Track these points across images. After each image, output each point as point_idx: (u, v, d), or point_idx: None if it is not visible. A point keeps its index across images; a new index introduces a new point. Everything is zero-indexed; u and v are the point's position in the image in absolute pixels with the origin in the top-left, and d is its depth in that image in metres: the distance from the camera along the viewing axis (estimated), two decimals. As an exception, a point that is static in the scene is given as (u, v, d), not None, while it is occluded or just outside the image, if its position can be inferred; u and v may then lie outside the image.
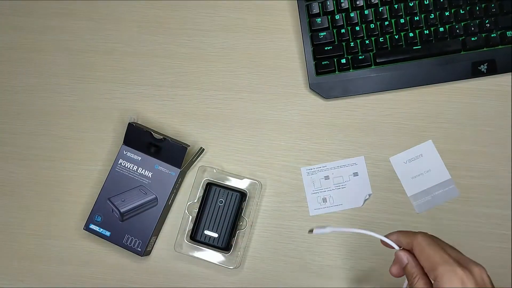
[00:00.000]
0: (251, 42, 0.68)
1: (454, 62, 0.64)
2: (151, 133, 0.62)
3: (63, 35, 0.70)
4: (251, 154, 0.65)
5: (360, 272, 0.62)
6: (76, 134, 0.68)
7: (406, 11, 0.64)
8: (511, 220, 0.62)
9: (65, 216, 0.66)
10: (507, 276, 0.61)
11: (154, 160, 0.63)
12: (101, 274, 0.64)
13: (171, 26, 0.69)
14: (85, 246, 0.65)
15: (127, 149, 0.63)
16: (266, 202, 0.64)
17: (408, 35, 0.64)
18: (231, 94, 0.67)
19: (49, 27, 0.70)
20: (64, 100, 0.69)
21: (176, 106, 0.67)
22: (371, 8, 0.64)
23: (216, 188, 0.62)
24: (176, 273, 0.64)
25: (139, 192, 0.62)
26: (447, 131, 0.64)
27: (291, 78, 0.67)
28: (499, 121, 0.64)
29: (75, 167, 0.67)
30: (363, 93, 0.65)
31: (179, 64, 0.68)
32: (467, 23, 0.64)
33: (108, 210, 0.62)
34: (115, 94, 0.68)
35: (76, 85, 0.69)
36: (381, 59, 0.64)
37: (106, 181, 0.63)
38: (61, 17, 0.71)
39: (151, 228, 0.62)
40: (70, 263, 0.65)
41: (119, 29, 0.70)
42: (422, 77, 0.64)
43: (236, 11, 0.69)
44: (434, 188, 0.63)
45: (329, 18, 0.65)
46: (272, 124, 0.66)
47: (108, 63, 0.69)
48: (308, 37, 0.65)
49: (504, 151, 0.63)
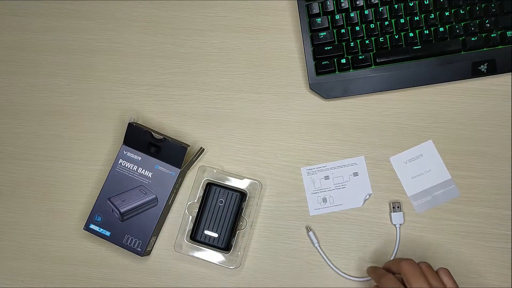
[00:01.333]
0: (251, 42, 0.68)
1: (454, 62, 0.64)
2: (151, 133, 0.62)
3: (63, 35, 0.70)
4: (251, 154, 0.65)
5: (360, 272, 0.62)
6: (76, 134, 0.68)
7: (406, 11, 0.64)
8: (511, 220, 0.62)
9: (65, 216, 0.66)
10: (507, 276, 0.61)
11: (154, 160, 0.63)
12: (101, 274, 0.64)
13: (171, 26, 0.69)
14: (85, 246, 0.65)
15: (127, 149, 0.63)
16: (266, 202, 0.64)
17: (408, 35, 0.64)
18: (231, 94, 0.67)
19: (49, 27, 0.70)
20: (64, 100, 0.69)
21: (176, 106, 0.67)
22: (371, 8, 0.64)
23: (216, 188, 0.62)
24: (176, 273, 0.63)
25: (139, 192, 0.62)
26: (447, 131, 0.64)
27: (291, 78, 0.67)
28: (499, 121, 0.64)
29: (75, 167, 0.67)
30: (363, 93, 0.65)
31: (179, 64, 0.68)
32: (467, 23, 0.64)
33: (108, 210, 0.62)
34: (115, 94, 0.68)
35: (76, 85, 0.69)
36: (381, 59, 0.64)
37: (106, 181, 0.63)
38: (61, 17, 0.71)
39: (151, 228, 0.61)
40: (70, 263, 0.65)
41: (119, 29, 0.70)
42: (422, 77, 0.64)
43: (236, 11, 0.69)
44: (434, 188, 0.63)
45: (329, 18, 0.65)
46: (272, 124, 0.66)
47: (108, 63, 0.69)
48: (308, 37, 0.65)
49: (504, 151, 0.63)
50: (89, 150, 0.67)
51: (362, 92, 0.65)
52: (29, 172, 0.67)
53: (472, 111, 0.65)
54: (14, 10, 0.71)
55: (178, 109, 0.67)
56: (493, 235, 0.62)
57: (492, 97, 0.65)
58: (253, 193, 0.63)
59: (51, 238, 0.65)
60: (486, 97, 0.65)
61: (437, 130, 0.64)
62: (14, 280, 0.65)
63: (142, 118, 0.67)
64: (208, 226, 0.62)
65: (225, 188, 0.62)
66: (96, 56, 0.69)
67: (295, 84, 0.67)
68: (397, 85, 0.65)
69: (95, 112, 0.68)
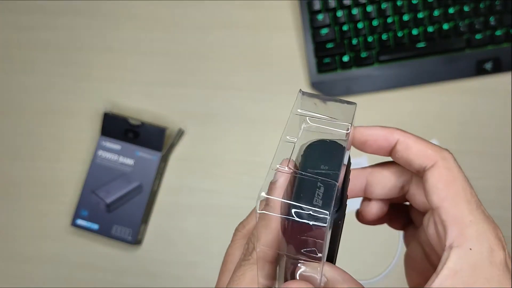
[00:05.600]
0: (251, 40, 0.67)
1: (458, 60, 0.63)
2: (128, 119, 0.62)
3: (63, 35, 0.69)
4: (251, 154, 0.64)
5: (361, 274, 0.61)
6: (72, 133, 0.67)
7: (410, 8, 0.63)
8: (511, 221, 0.61)
9: (65, 216, 0.64)
10: None
11: (134, 147, 0.62)
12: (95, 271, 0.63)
13: (170, 24, 0.68)
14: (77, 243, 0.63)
15: (106, 139, 0.63)
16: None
17: (411, 32, 0.63)
18: (231, 93, 0.66)
19: (49, 27, 0.70)
20: (64, 100, 0.68)
21: (175, 106, 0.66)
22: (374, 5, 0.63)
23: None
24: (172, 263, 0.62)
25: (122, 181, 0.62)
26: (451, 130, 0.63)
27: (292, 76, 0.66)
28: (502, 120, 0.63)
29: (71, 167, 0.66)
30: (365, 91, 0.64)
31: (179, 63, 0.67)
32: (471, 21, 0.63)
33: (94, 203, 0.62)
34: (113, 93, 0.67)
35: (76, 85, 0.68)
36: (384, 57, 0.63)
37: (88, 174, 0.62)
38: (61, 17, 0.70)
39: (139, 215, 0.61)
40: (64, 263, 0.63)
41: (118, 28, 0.69)
42: (425, 76, 0.63)
43: (236, 9, 0.68)
44: (438, 189, 0.62)
45: (330, 15, 0.64)
46: (272, 124, 0.65)
47: (107, 61, 0.68)
48: (310, 35, 0.64)
49: (504, 151, 0.63)
50: (89, 150, 0.66)
51: (365, 90, 0.64)
52: (24, 172, 0.66)
53: (476, 110, 0.64)
54: (12, 9, 0.70)
55: (178, 109, 0.66)
56: (498, 237, 0.61)
57: (497, 96, 0.64)
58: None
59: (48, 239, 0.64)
60: (491, 96, 0.64)
61: (440, 129, 0.63)
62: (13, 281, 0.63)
63: (141, 117, 0.66)
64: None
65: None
66: (95, 55, 0.68)
67: (296, 82, 0.66)
68: (400, 84, 0.64)
69: (94, 112, 0.67)
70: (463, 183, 0.26)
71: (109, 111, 0.63)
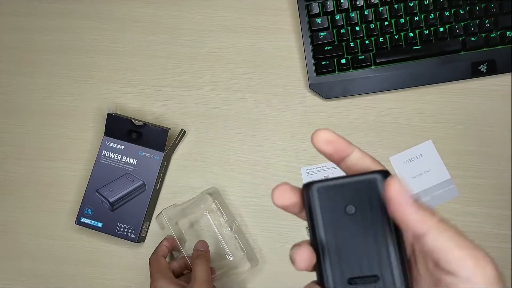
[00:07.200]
0: (251, 42, 0.68)
1: (454, 62, 0.64)
2: (131, 120, 0.63)
3: (63, 35, 0.70)
4: (251, 154, 0.65)
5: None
6: (76, 134, 0.68)
7: (406, 11, 0.64)
8: (511, 220, 0.62)
9: (65, 216, 0.66)
10: (507, 276, 0.61)
11: (137, 147, 0.64)
12: (100, 267, 0.64)
13: (171, 26, 0.69)
14: (82, 241, 0.65)
15: (109, 140, 0.64)
16: (266, 202, 0.64)
17: (408, 35, 0.64)
18: (231, 94, 0.67)
19: (49, 27, 0.70)
20: (64, 100, 0.69)
21: (176, 106, 0.67)
22: (371, 8, 0.65)
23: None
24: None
25: (126, 180, 0.63)
26: (447, 131, 0.64)
27: (291, 78, 0.67)
28: (499, 121, 0.64)
29: (75, 167, 0.67)
30: (363, 93, 0.65)
31: (179, 64, 0.68)
32: (467, 23, 0.64)
33: (98, 202, 0.63)
34: (115, 94, 0.68)
35: (76, 85, 0.69)
36: (381, 59, 0.64)
37: (92, 173, 0.64)
38: (61, 17, 0.70)
39: (142, 214, 0.62)
40: (68, 261, 0.65)
41: (119, 29, 0.70)
42: (422, 77, 0.64)
43: (236, 11, 0.69)
44: (434, 188, 0.63)
45: (329, 18, 0.65)
46: (272, 124, 0.66)
47: (108, 63, 0.69)
48: (308, 37, 0.65)
49: (504, 151, 0.63)
50: (88, 150, 0.67)
51: (362, 92, 0.65)
52: (29, 172, 0.67)
53: (471, 111, 0.65)
54: (14, 10, 0.71)
55: (178, 109, 0.67)
56: (492, 235, 0.62)
57: (492, 97, 0.65)
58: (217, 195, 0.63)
59: (50, 238, 0.65)
60: (486, 97, 0.65)
61: (436, 130, 0.64)
62: (14, 280, 0.65)
63: (141, 117, 0.67)
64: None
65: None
66: (96, 56, 0.69)
67: (295, 84, 0.67)
68: (397, 85, 0.65)
69: (95, 112, 0.68)
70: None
71: (113, 112, 0.64)
